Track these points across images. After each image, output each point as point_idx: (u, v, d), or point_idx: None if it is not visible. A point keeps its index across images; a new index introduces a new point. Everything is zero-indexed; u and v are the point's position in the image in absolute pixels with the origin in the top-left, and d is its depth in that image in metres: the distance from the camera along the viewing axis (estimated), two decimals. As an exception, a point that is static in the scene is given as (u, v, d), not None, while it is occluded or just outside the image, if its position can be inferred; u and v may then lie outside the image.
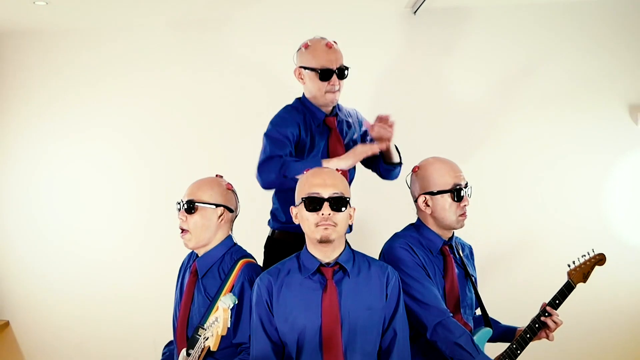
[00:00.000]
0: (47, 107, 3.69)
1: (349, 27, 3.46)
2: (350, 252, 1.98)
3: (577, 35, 3.42)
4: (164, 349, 2.33)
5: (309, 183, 1.91)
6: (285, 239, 2.45)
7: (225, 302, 1.76)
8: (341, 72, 2.37)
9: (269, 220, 2.54)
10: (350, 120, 2.52)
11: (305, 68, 2.37)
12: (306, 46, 2.38)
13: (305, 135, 2.40)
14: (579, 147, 3.43)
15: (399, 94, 3.49)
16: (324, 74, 2.34)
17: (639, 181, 3.41)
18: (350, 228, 2.42)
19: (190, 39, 3.57)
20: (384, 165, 2.48)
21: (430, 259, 2.12)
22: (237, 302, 1.92)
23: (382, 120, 2.35)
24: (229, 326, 1.67)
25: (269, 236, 2.54)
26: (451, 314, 2.02)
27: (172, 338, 2.23)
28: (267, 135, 2.35)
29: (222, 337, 1.79)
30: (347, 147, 2.43)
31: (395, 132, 2.36)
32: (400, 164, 2.48)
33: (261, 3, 3.33)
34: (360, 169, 2.55)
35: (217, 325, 1.69)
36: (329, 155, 2.42)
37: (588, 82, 3.42)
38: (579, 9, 3.41)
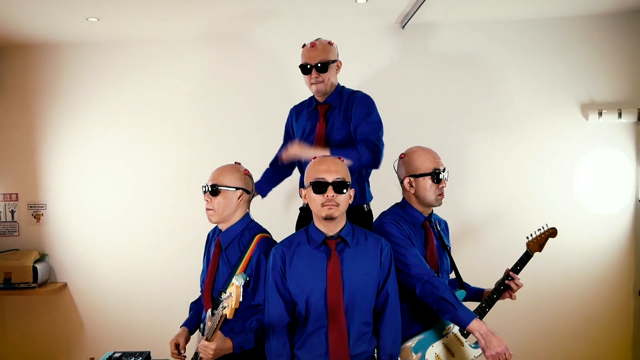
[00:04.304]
0: (98, 107, 4.08)
1: (345, 40, 3.64)
2: (350, 226, 2.21)
3: (543, 47, 3.74)
4: (191, 304, 2.59)
5: (315, 169, 2.15)
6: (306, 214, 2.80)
7: (238, 280, 1.96)
8: (320, 66, 2.60)
9: None
10: (342, 108, 2.69)
11: None
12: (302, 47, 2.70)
13: (295, 120, 2.73)
14: (541, 141, 3.78)
15: (391, 97, 3.76)
16: (304, 69, 2.65)
17: (591, 168, 3.76)
18: (367, 202, 2.74)
19: (220, 50, 3.93)
20: None
21: (414, 232, 2.37)
22: (248, 279, 2.13)
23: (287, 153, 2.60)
24: (241, 300, 1.89)
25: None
26: (435, 274, 2.27)
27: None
28: None
29: (241, 301, 2.01)
30: (330, 133, 2.66)
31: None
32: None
33: (274, 20, 3.63)
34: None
35: (231, 299, 1.89)
36: (316, 136, 2.67)
37: (547, 86, 3.76)
38: (555, 24, 3.72)
